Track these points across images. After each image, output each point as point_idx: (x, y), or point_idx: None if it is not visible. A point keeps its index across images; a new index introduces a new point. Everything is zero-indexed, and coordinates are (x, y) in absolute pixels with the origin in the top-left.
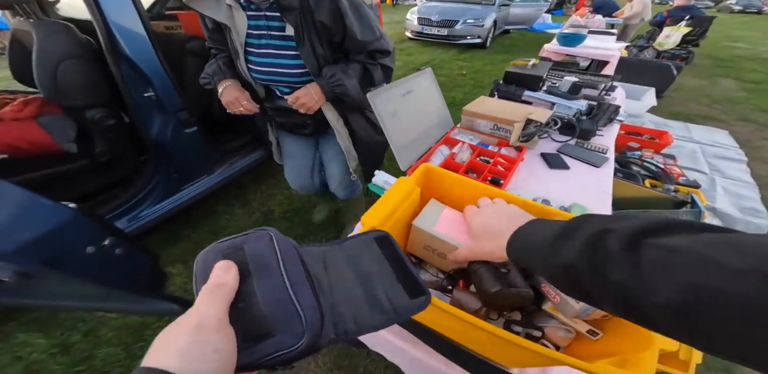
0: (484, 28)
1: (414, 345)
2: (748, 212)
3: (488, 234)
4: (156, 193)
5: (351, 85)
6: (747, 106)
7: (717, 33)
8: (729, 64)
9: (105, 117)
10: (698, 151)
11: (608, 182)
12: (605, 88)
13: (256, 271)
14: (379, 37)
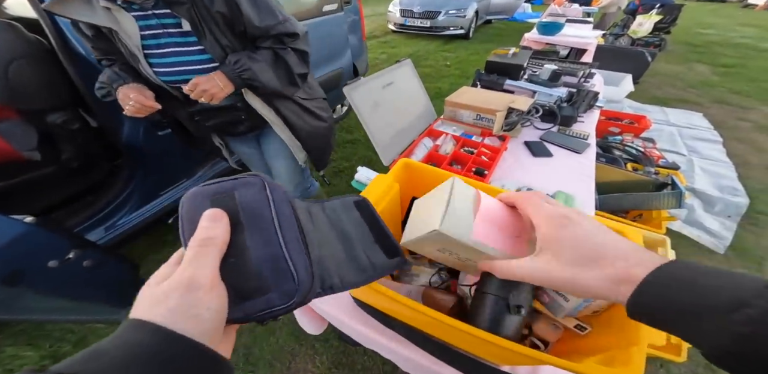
0: (467, 19)
1: (404, 346)
2: (726, 191)
3: (596, 260)
4: (133, 200)
5: (259, 69)
6: (720, 89)
7: (688, 20)
8: (702, 49)
9: (68, 121)
10: (676, 133)
11: (591, 167)
12: (584, 75)
13: (248, 222)
14: (283, 20)
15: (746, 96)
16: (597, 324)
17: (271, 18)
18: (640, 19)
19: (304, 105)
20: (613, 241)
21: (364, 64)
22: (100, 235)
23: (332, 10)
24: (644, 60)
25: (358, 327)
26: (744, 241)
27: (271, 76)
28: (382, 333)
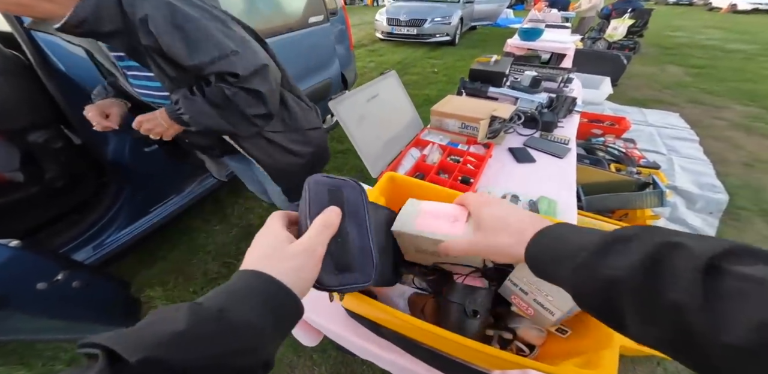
0: (452, 26)
1: (398, 354)
2: (706, 188)
3: (505, 228)
4: (121, 217)
5: (198, 111)
6: (693, 90)
7: (659, 23)
8: (673, 51)
9: (50, 139)
10: (655, 133)
11: (572, 172)
12: (563, 80)
13: (349, 216)
14: (220, 56)
15: (718, 95)
16: (576, 326)
17: (203, 54)
18: (614, 23)
19: (275, 140)
20: (520, 215)
21: (352, 73)
22: (88, 254)
23: (318, 21)
24: (620, 63)
25: (351, 337)
26: (726, 237)
27: (216, 120)
28: (375, 342)
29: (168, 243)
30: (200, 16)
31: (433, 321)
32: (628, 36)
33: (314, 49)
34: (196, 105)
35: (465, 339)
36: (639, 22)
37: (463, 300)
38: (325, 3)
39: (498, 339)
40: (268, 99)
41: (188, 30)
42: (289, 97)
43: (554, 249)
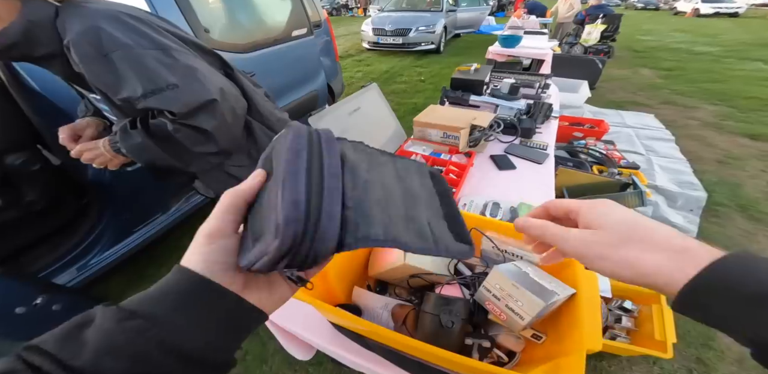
0: (436, 34)
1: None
2: (685, 186)
3: (646, 238)
4: (105, 238)
5: (134, 147)
6: (665, 91)
7: (629, 28)
8: (645, 54)
9: (28, 161)
10: (633, 134)
11: (550, 177)
12: (540, 86)
13: (272, 171)
14: (154, 90)
15: (689, 96)
16: (551, 333)
17: (131, 88)
18: (588, 28)
19: (232, 173)
20: (665, 227)
21: (339, 84)
22: (72, 276)
23: (302, 34)
24: (596, 67)
25: (339, 351)
26: (709, 233)
27: (160, 155)
28: (362, 355)
29: (156, 262)
30: (135, 43)
31: (413, 332)
32: (602, 40)
33: (299, 62)
34: (133, 139)
35: (441, 351)
36: (611, 27)
37: (438, 311)
38: (308, 16)
39: (477, 348)
40: (218, 136)
41: (115, 59)
42: (257, 127)
43: (759, 283)
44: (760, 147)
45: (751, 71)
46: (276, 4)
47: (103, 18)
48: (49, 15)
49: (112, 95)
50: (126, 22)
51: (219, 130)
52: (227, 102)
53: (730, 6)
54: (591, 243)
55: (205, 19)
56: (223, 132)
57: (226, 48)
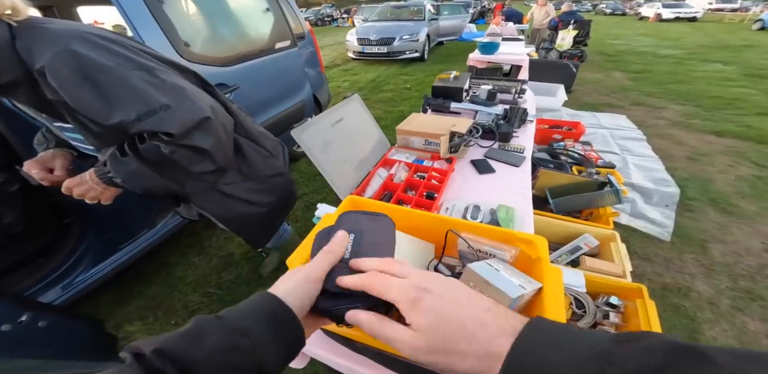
0: (420, 43)
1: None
2: (659, 183)
3: (457, 344)
4: (89, 257)
5: (130, 175)
6: (635, 93)
7: (600, 33)
8: (615, 58)
9: (5, 182)
10: (608, 135)
11: (527, 179)
12: (516, 91)
13: (368, 244)
14: (148, 112)
15: (657, 97)
16: None
17: (125, 112)
18: (561, 33)
19: (230, 193)
20: (472, 314)
21: (326, 94)
22: (57, 295)
23: (286, 46)
24: (571, 71)
25: (328, 355)
26: (685, 227)
27: (157, 181)
28: (353, 359)
29: (144, 279)
30: (116, 65)
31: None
32: (575, 45)
33: (284, 74)
34: (128, 167)
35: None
36: (582, 32)
37: None
38: (291, 28)
39: None
40: (215, 154)
41: (101, 82)
42: (245, 144)
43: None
44: (726, 143)
45: (712, 72)
46: (258, 17)
47: (73, 40)
48: (5, 38)
49: (102, 121)
50: (97, 42)
51: (216, 147)
52: (218, 119)
53: (688, 11)
54: (417, 351)
55: (185, 32)
56: (220, 149)
57: (208, 61)
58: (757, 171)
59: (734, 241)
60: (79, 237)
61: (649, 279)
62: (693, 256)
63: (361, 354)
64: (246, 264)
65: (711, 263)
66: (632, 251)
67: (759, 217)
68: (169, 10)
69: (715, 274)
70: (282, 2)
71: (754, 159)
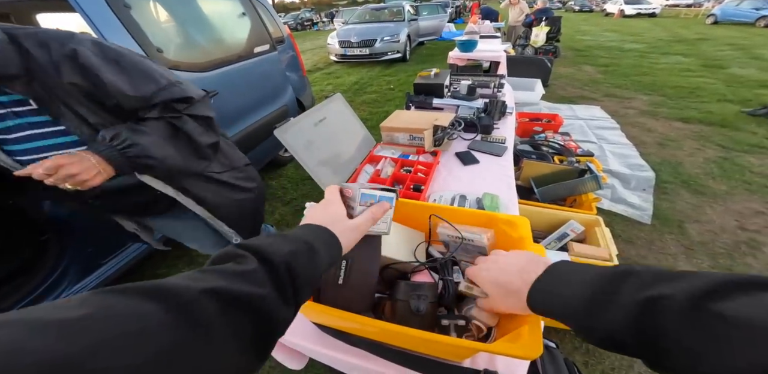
0: (401, 43)
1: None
2: (635, 168)
3: (503, 291)
4: (71, 273)
5: (151, 143)
6: (606, 85)
7: (570, 29)
8: (585, 53)
9: None
10: (584, 125)
11: (510, 168)
12: (495, 85)
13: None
14: (167, 85)
15: (625, 88)
16: None
17: (149, 84)
18: (535, 30)
19: (221, 179)
20: (509, 277)
21: (309, 98)
22: None
23: (265, 50)
24: (546, 66)
25: (324, 350)
26: (662, 209)
27: (171, 152)
28: (349, 352)
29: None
30: (128, 52)
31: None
32: (548, 41)
33: (265, 78)
34: (146, 136)
35: (412, 330)
36: (553, 29)
37: (408, 297)
38: (269, 32)
39: (454, 328)
40: (215, 125)
41: (124, 63)
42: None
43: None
44: (692, 128)
45: (672, 64)
46: (234, 22)
47: (74, 36)
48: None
49: (131, 92)
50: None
51: (215, 120)
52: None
53: (648, 7)
54: (493, 305)
55: (157, 38)
56: (216, 122)
57: (184, 67)
58: (723, 153)
59: (709, 220)
60: (60, 254)
61: (635, 262)
62: (673, 237)
63: (356, 346)
64: None
65: (690, 243)
66: (616, 235)
67: (729, 196)
68: (139, 16)
69: (695, 254)
70: (258, 6)
71: (718, 142)
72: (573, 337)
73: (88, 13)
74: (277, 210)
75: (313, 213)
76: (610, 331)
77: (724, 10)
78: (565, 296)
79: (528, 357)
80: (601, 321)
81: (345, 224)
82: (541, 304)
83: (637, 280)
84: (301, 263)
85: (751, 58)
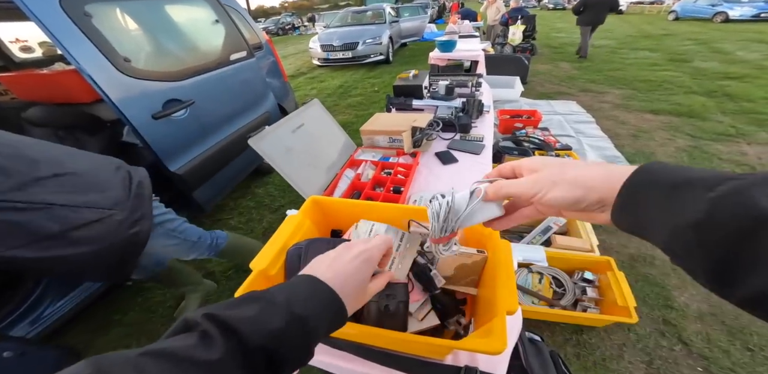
0: (383, 45)
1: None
2: (611, 159)
3: (582, 164)
4: (54, 289)
5: None
6: (581, 80)
7: (545, 27)
8: (560, 50)
9: None
10: (562, 120)
11: (488, 165)
12: (473, 84)
13: None
14: None
15: (599, 83)
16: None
17: None
18: (512, 29)
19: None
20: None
21: (291, 103)
22: (26, 330)
23: (242, 57)
24: (524, 64)
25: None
26: None
27: None
28: (335, 355)
29: (121, 306)
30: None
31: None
32: (525, 39)
33: (244, 85)
34: None
35: (391, 332)
36: (529, 27)
37: (378, 297)
38: (246, 38)
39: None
40: None
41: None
42: None
43: (678, 175)
44: (662, 120)
45: (641, 59)
46: (207, 29)
47: None
48: None
49: None
50: None
51: None
52: None
53: None
54: (540, 179)
55: (124, 47)
56: None
57: (156, 77)
58: (692, 141)
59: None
60: None
61: (617, 251)
62: None
63: (341, 349)
64: (225, 282)
65: None
66: (597, 226)
67: None
68: (101, 25)
69: None
70: (232, 13)
71: (687, 132)
72: (563, 330)
73: (44, 22)
74: (264, 218)
75: (330, 265)
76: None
77: (683, 7)
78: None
79: (495, 352)
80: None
81: (362, 289)
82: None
83: None
84: (288, 346)
85: (712, 52)
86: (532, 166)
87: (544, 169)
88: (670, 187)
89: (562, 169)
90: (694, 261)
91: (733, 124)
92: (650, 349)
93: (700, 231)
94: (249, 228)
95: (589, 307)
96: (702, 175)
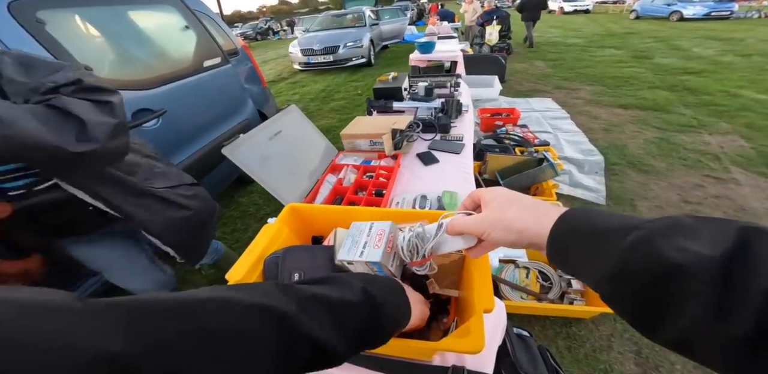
0: (364, 48)
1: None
2: (586, 153)
3: (518, 203)
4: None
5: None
6: (555, 78)
7: (520, 26)
8: (535, 49)
9: None
10: (540, 117)
11: (469, 165)
12: (452, 85)
13: None
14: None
15: (572, 80)
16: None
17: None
18: (488, 29)
19: (157, 194)
20: (525, 196)
21: (272, 109)
22: None
23: (216, 63)
24: (501, 63)
25: None
26: (614, 190)
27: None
28: None
29: None
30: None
31: None
32: (501, 39)
33: (221, 92)
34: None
35: None
36: (504, 27)
37: None
38: (219, 44)
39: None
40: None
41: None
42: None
43: (593, 225)
44: (631, 114)
45: (608, 56)
46: (177, 35)
47: None
48: None
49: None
50: None
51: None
52: None
53: (582, 4)
54: (484, 220)
55: (84, 55)
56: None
57: (122, 85)
58: (659, 133)
59: (655, 196)
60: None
61: None
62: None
63: None
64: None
65: None
66: None
67: (669, 172)
68: (56, 32)
69: None
70: (204, 18)
71: (654, 124)
72: (553, 324)
73: None
74: (250, 227)
75: None
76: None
77: (642, 6)
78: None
79: (473, 351)
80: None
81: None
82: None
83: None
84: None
85: (671, 49)
86: (485, 199)
87: (491, 205)
88: (588, 238)
89: (502, 210)
90: (619, 310)
91: (695, 115)
92: (637, 339)
93: (615, 285)
94: (234, 238)
95: (576, 299)
96: (612, 225)
